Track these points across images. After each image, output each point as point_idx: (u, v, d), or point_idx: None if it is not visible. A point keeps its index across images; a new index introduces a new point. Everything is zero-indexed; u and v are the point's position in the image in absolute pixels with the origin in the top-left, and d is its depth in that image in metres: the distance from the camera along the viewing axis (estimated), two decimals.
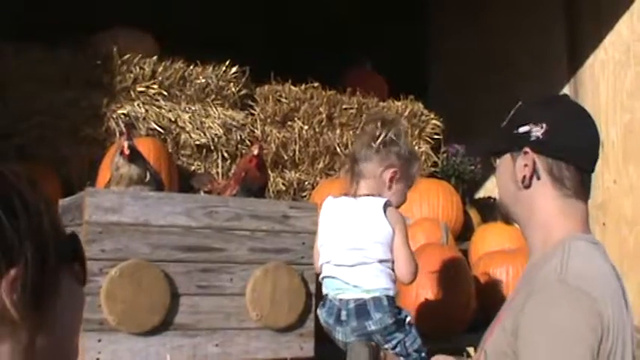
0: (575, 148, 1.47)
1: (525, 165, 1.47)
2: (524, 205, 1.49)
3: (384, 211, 2.37)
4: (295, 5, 6.84)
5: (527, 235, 1.51)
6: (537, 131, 1.45)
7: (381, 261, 2.37)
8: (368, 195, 2.43)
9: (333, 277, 2.43)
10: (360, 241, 2.38)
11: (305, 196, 4.89)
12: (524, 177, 1.47)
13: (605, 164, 4.85)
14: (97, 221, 2.77)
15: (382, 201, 2.40)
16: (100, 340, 2.73)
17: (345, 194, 2.49)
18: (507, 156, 1.52)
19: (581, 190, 1.47)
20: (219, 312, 2.95)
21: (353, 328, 2.35)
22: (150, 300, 2.80)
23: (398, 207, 2.48)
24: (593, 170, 1.50)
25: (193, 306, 2.91)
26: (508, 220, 1.63)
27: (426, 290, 3.59)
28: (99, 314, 2.72)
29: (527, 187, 1.47)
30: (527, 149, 1.47)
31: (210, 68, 4.74)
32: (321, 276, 2.52)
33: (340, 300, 2.39)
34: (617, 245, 4.72)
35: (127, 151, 3.15)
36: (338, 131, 5.10)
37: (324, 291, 2.49)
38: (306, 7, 6.86)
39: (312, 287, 3.02)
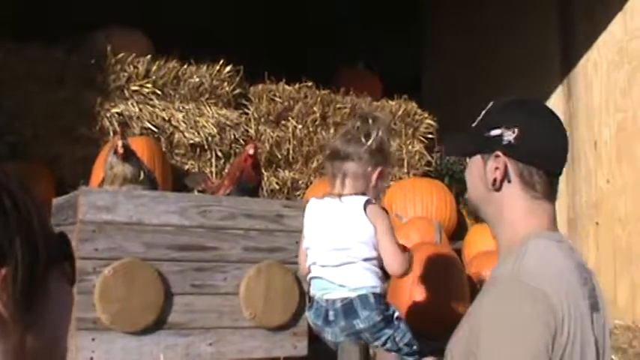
0: (545, 153, 1.48)
1: (496, 168, 1.47)
2: (495, 206, 1.50)
3: (365, 210, 2.36)
4: (290, 5, 6.84)
5: (496, 233, 1.53)
6: (509, 135, 1.46)
7: (366, 259, 2.36)
8: (352, 194, 2.41)
9: (319, 278, 2.43)
10: (344, 242, 2.38)
11: (299, 195, 4.90)
12: (495, 180, 1.48)
13: (599, 163, 4.87)
14: (91, 220, 2.77)
15: (363, 200, 2.38)
16: (93, 339, 2.73)
17: (329, 194, 2.47)
18: (478, 157, 1.53)
19: (550, 192, 1.49)
20: (213, 311, 2.95)
21: (342, 327, 2.35)
22: (143, 299, 2.79)
23: (376, 200, 2.47)
24: (561, 173, 1.52)
25: (187, 305, 2.90)
26: (477, 216, 1.63)
27: (419, 289, 3.59)
28: (93, 313, 2.71)
29: (498, 189, 1.48)
30: (498, 153, 1.47)
31: (204, 67, 4.74)
32: (308, 277, 2.52)
33: (327, 300, 2.39)
34: (610, 244, 4.73)
35: (120, 150, 3.15)
36: (332, 130, 5.10)
37: (312, 292, 2.49)
38: (300, 7, 6.87)
39: (306, 286, 3.01)
